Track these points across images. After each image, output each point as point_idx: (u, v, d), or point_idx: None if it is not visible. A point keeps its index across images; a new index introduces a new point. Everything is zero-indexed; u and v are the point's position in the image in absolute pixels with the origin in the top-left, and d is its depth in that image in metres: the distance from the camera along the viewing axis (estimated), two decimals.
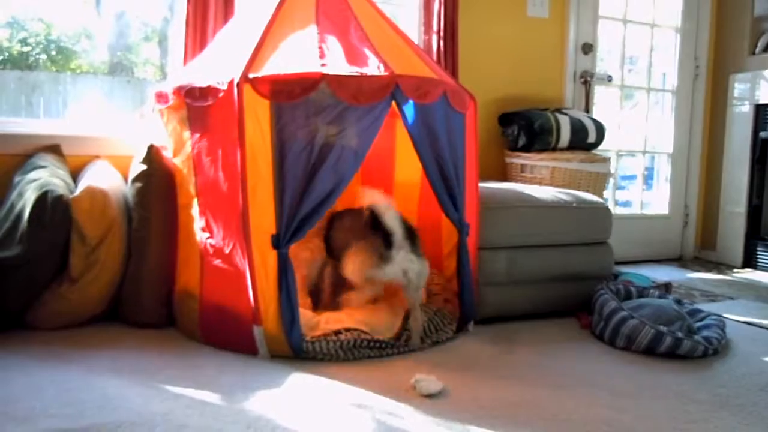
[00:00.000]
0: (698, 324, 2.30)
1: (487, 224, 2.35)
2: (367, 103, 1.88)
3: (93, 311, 2.20)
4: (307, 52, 1.94)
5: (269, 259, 1.89)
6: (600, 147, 3.40)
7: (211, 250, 2.01)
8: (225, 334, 2.03)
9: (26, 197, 2.09)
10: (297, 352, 1.94)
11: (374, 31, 2.10)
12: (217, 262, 2.00)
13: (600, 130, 3.24)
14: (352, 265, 2.06)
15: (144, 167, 2.23)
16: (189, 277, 2.13)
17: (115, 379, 1.76)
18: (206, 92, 1.93)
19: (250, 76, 1.84)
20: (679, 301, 2.45)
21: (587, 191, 2.96)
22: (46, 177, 2.17)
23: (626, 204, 4.21)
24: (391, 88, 1.90)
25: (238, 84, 1.82)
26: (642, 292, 2.52)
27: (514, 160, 3.22)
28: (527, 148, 3.16)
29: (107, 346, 2.02)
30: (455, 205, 2.15)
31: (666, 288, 2.76)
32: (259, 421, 1.54)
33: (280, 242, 1.88)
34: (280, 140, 1.85)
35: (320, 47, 1.95)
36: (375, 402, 1.67)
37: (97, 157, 2.67)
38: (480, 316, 2.37)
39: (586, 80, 3.63)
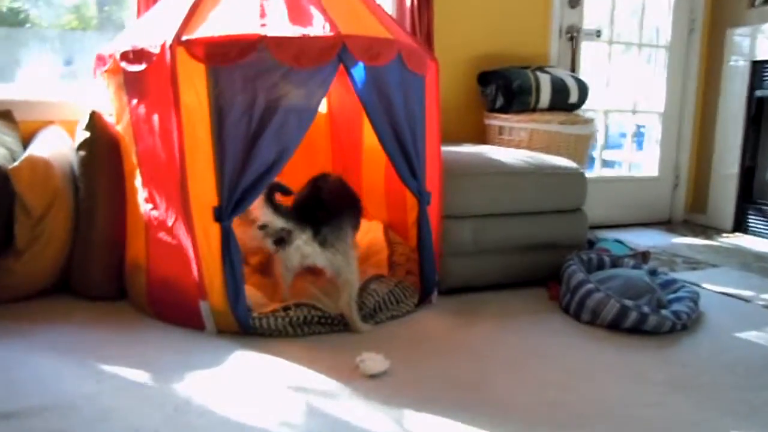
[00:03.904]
0: (670, 296, 2.21)
1: (451, 192, 2.25)
2: (311, 65, 1.75)
3: (42, 284, 2.14)
4: (247, 11, 1.81)
5: (212, 232, 1.80)
6: (587, 106, 3.26)
7: (155, 222, 1.93)
8: (173, 309, 1.96)
9: None
10: (244, 328, 1.87)
11: None
12: (161, 234, 1.91)
13: (582, 89, 3.09)
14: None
15: (87, 134, 2.12)
16: (137, 249, 2.05)
17: (53, 357, 1.70)
18: (140, 55, 1.81)
19: (184, 38, 1.72)
20: (653, 272, 2.35)
21: (568, 154, 2.84)
22: None
23: (614, 165, 4.08)
24: (337, 50, 1.77)
25: (170, 47, 1.70)
26: (616, 262, 2.42)
27: (492, 122, 3.09)
28: (506, 109, 3.02)
29: (52, 321, 1.95)
30: (413, 173, 2.04)
31: (643, 257, 2.66)
32: (188, 404, 1.47)
33: (222, 215, 1.79)
34: (218, 106, 1.74)
35: (261, 5, 1.82)
36: (315, 383, 1.60)
37: (51, 122, 2.57)
38: (445, 287, 2.29)
39: (573, 36, 3.46)
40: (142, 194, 1.97)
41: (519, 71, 3.05)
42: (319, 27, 1.79)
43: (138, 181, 1.98)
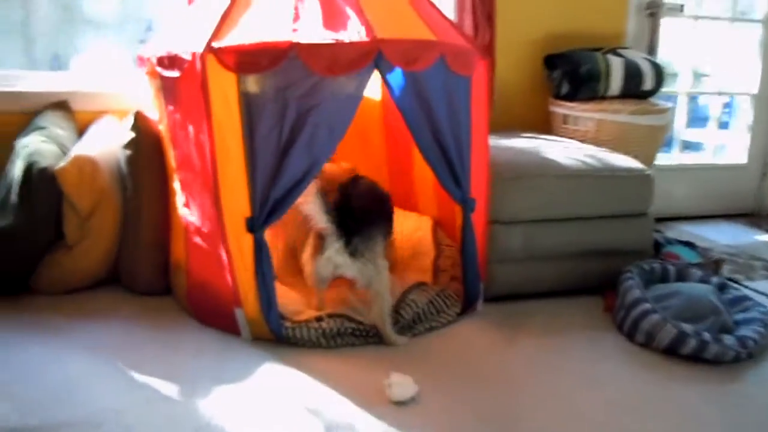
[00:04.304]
0: (739, 316, 2.02)
1: (500, 197, 2.12)
2: (344, 74, 1.66)
3: (92, 277, 2.19)
4: (280, 13, 1.73)
5: (244, 242, 1.78)
6: (668, 89, 2.98)
7: (191, 227, 1.93)
8: (210, 312, 1.96)
9: (16, 167, 2.06)
10: (278, 337, 1.85)
11: None
12: (198, 239, 1.91)
13: (659, 75, 2.83)
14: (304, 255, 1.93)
15: (132, 134, 2.13)
16: (179, 250, 2.07)
17: (88, 360, 1.74)
18: (173, 62, 1.77)
19: (215, 45, 1.66)
20: (722, 287, 2.15)
21: (638, 147, 2.63)
22: (36, 144, 2.13)
23: (697, 147, 3.76)
24: (372, 56, 1.66)
25: (201, 55, 1.65)
26: (682, 272, 2.23)
27: (557, 110, 2.89)
28: (571, 97, 2.81)
29: (98, 317, 2.00)
30: (457, 181, 1.93)
31: (715, 266, 2.43)
32: (207, 426, 1.47)
33: (254, 226, 1.76)
34: (248, 117, 1.68)
35: (296, 7, 1.73)
36: (337, 406, 1.57)
37: (106, 112, 2.61)
38: (492, 294, 2.19)
39: (653, 11, 3.16)
40: (180, 198, 1.96)
41: (588, 55, 2.82)
42: (354, 31, 1.69)
43: (176, 185, 1.97)
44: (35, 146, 2.11)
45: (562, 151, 2.40)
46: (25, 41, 2.82)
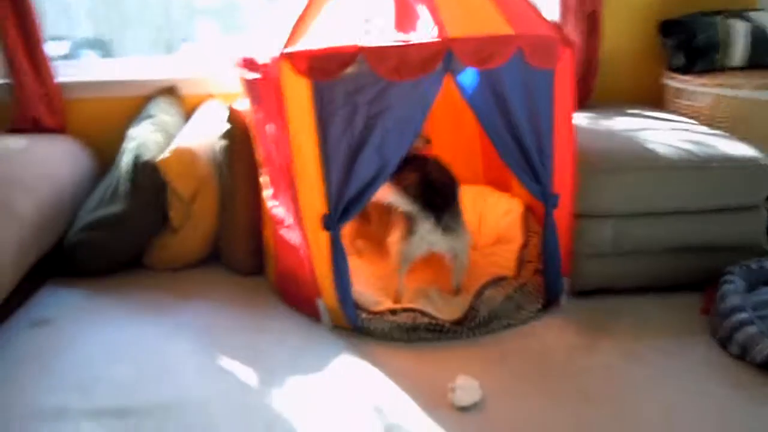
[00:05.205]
0: None
1: (590, 189, 2.01)
2: (412, 77, 1.63)
3: (196, 257, 2.38)
4: (355, 16, 1.71)
5: (321, 238, 1.84)
6: None
7: (277, 219, 2.02)
8: (296, 298, 2.07)
9: (124, 159, 2.26)
10: (354, 328, 1.92)
11: None
12: (283, 231, 2.01)
13: None
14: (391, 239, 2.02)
15: (228, 126, 2.25)
16: (269, 236, 2.18)
17: (184, 340, 1.93)
18: (254, 65, 1.83)
19: (288, 50, 1.69)
20: None
21: (761, 125, 2.37)
22: (143, 137, 2.31)
23: None
24: (441, 57, 1.62)
25: (276, 60, 1.69)
26: None
27: (670, 83, 2.65)
28: (686, 69, 2.56)
29: (197, 296, 2.18)
30: (537, 178, 1.86)
31: None
32: (275, 421, 1.58)
33: (329, 224, 1.81)
34: (321, 121, 1.71)
35: (368, 8, 1.71)
36: (400, 406, 1.62)
37: (212, 96, 2.75)
38: (578, 289, 2.12)
39: None
40: (267, 190, 2.06)
41: (708, 20, 2.54)
42: (424, 31, 1.64)
43: (263, 179, 2.06)
44: (142, 139, 2.30)
45: (666, 135, 2.22)
46: (147, 30, 3.02)
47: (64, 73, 2.69)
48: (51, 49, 2.67)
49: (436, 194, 1.92)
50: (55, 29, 2.87)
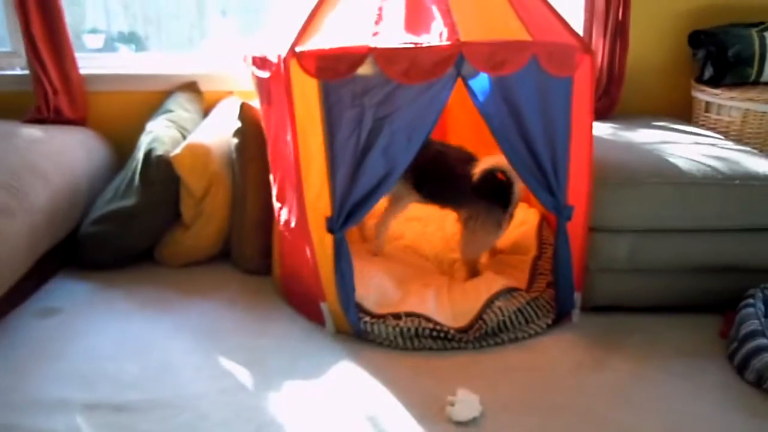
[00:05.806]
0: None
1: (606, 203, 1.95)
2: (421, 80, 1.60)
3: (206, 253, 2.38)
4: (364, 14, 1.68)
5: (326, 241, 1.82)
6: None
7: (282, 220, 2.00)
8: (300, 300, 2.05)
9: (139, 153, 2.26)
10: (357, 332, 1.89)
11: None
12: (287, 233, 1.98)
13: None
14: (474, 245, 2.11)
15: (239, 124, 2.24)
16: (276, 237, 2.16)
17: (189, 342, 1.90)
18: (264, 63, 1.81)
19: (297, 49, 1.67)
20: None
21: None
22: (158, 131, 2.31)
23: None
24: (452, 61, 1.58)
25: (284, 59, 1.67)
26: None
27: (699, 95, 2.57)
28: (716, 82, 2.48)
29: (204, 295, 2.16)
30: (550, 190, 1.80)
31: None
32: (269, 425, 1.55)
33: (333, 227, 1.78)
34: (328, 122, 1.69)
35: (380, 7, 1.68)
36: (396, 418, 1.57)
37: (231, 93, 2.75)
38: (591, 304, 2.05)
39: None
40: (273, 189, 2.04)
41: (740, 32, 2.45)
42: (436, 33, 1.60)
43: (271, 178, 2.05)
44: (157, 133, 2.30)
45: (689, 149, 2.14)
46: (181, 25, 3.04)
47: (88, 65, 2.71)
48: (87, 41, 2.70)
49: (499, 188, 2.01)
50: (93, 22, 2.91)
